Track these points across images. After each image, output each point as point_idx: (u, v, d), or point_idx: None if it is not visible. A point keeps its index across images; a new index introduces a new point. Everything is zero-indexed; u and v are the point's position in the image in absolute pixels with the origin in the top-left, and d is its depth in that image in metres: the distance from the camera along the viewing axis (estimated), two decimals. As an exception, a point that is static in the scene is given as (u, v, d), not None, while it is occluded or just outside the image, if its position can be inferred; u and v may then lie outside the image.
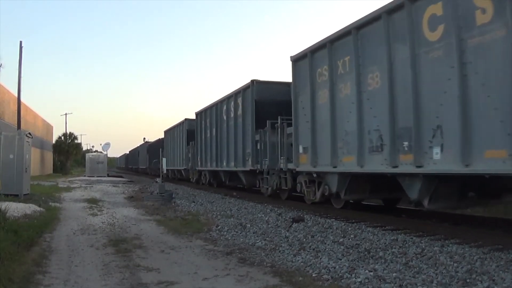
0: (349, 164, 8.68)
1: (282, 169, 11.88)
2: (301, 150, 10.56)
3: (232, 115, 15.80)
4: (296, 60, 10.82)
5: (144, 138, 38.56)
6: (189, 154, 22.89)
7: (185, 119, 24.24)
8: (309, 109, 10.04)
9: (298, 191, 11.36)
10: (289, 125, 11.45)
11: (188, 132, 23.55)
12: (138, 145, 49.26)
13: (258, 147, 13.39)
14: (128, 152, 71.42)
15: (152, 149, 37.52)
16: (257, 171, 13.53)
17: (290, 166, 11.30)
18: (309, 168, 10.19)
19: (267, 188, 13.09)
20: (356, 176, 8.82)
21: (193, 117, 21.76)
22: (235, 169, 15.65)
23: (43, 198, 13.98)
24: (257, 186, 14.28)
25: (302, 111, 10.52)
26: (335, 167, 9.10)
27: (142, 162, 44.85)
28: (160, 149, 27.55)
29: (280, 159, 11.91)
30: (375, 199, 10.58)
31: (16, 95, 26.97)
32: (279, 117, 11.97)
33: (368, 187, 9.17)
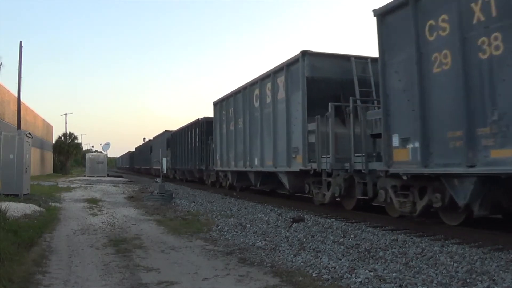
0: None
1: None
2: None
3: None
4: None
5: (144, 138, 38.23)
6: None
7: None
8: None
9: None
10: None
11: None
12: (152, 138, 38.01)
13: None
14: (134, 150, 59.06)
15: (173, 142, 28.33)
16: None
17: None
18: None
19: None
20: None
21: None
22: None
23: (43, 198, 13.98)
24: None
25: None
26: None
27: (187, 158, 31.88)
28: (161, 149, 27.48)
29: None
30: None
31: (16, 95, 26.97)
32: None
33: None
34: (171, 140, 28.56)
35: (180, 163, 25.89)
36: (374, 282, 4.51)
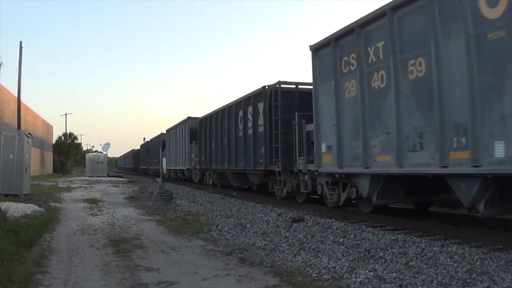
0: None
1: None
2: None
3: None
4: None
5: (144, 138, 38.19)
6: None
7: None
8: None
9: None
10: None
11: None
12: (166, 130, 30.39)
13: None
14: (139, 147, 48.70)
15: (204, 131, 20.55)
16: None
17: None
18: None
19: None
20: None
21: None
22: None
23: (43, 198, 13.98)
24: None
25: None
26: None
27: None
28: (160, 149, 27.44)
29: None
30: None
31: (16, 95, 26.96)
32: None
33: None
34: (202, 129, 20.63)
35: (218, 161, 17.86)
36: (374, 282, 4.51)
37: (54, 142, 50.39)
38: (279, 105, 12.03)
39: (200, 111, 58.94)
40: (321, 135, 9.73)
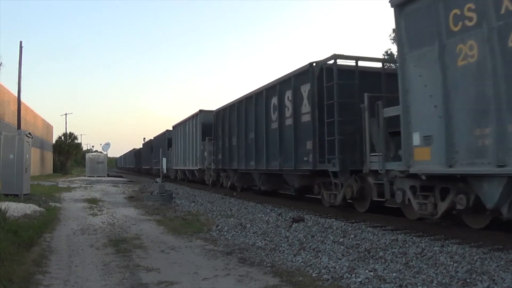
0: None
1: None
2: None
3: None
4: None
5: (144, 138, 38.09)
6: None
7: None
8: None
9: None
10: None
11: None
12: (172, 127, 27.51)
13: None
14: (142, 146, 45.18)
15: (207, 129, 19.74)
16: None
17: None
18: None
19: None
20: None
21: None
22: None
23: (43, 198, 13.98)
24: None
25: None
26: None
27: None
28: (160, 149, 27.23)
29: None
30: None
31: (16, 95, 26.98)
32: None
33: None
34: (219, 122, 17.77)
35: (242, 160, 14.97)
36: (374, 282, 4.51)
37: (54, 142, 50.43)
38: (335, 84, 9.29)
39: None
40: (412, 122, 7.06)
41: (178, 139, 25.71)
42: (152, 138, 37.66)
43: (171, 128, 28.21)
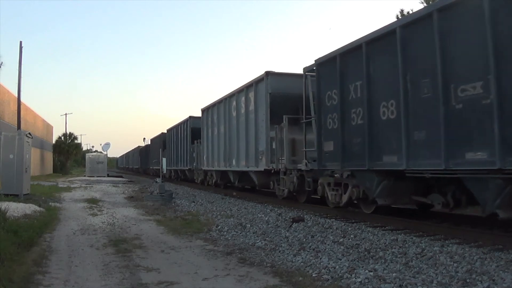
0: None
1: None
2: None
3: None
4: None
5: (144, 139, 37.97)
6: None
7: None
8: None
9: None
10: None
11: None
12: (172, 126, 27.59)
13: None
14: (150, 142, 38.46)
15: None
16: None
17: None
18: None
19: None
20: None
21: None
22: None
23: (43, 198, 13.98)
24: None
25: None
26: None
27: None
28: (160, 149, 27.34)
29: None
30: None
31: (16, 95, 26.98)
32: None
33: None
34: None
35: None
36: (374, 282, 4.51)
37: (54, 142, 50.42)
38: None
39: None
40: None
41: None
42: (165, 132, 35.92)
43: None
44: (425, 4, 14.63)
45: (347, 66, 8.78)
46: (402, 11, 17.18)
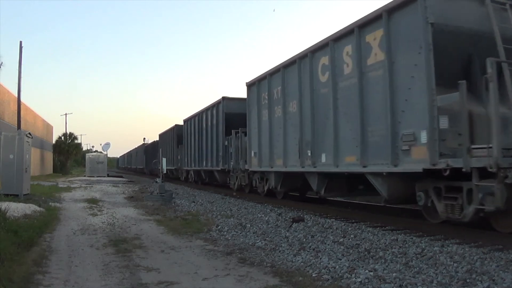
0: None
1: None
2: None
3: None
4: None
5: (144, 139, 37.98)
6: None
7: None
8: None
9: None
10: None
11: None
12: (193, 115, 22.71)
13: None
14: (159, 138, 34.24)
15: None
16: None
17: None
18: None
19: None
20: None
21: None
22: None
23: (43, 198, 13.98)
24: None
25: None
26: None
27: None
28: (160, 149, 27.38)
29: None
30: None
31: (16, 95, 26.97)
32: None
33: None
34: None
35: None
36: (374, 282, 4.51)
37: (54, 142, 50.39)
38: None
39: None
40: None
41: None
42: (182, 123, 31.96)
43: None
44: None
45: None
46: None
